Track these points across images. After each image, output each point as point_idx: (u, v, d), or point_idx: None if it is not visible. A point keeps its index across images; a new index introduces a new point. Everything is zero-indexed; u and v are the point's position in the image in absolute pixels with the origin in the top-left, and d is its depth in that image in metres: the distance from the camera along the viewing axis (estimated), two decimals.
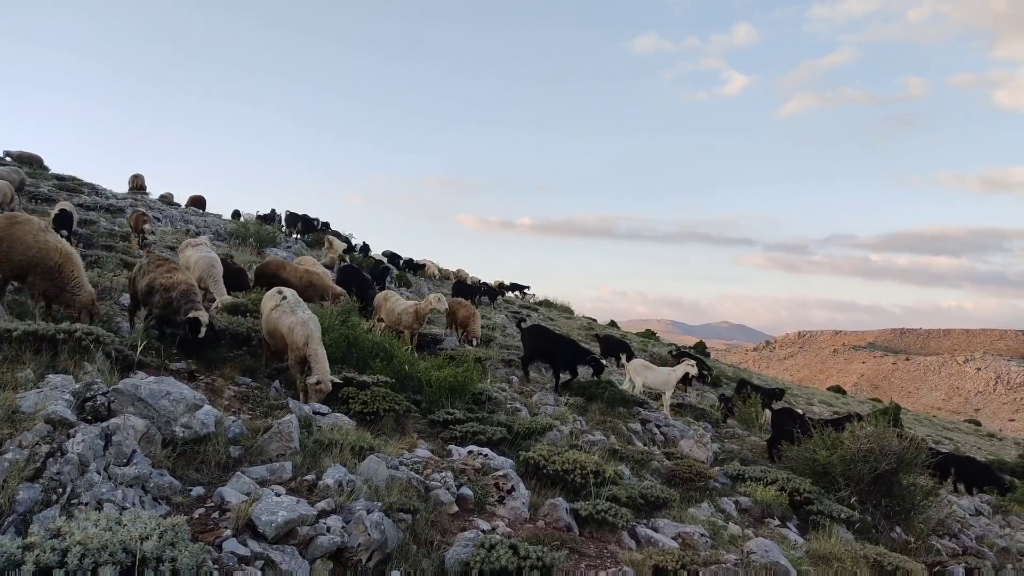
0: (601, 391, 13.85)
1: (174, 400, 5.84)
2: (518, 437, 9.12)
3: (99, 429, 5.08)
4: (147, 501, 4.88)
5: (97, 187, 25.15)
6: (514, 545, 5.37)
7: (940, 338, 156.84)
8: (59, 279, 8.08)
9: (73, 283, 8.08)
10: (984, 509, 15.83)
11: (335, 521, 5.09)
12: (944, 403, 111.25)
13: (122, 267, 12.86)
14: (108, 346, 7.27)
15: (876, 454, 11.01)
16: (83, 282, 8.22)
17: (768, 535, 8.74)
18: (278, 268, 13.74)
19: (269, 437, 6.29)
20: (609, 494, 7.56)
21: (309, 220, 31.18)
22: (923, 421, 47.49)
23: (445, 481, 6.62)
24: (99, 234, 16.10)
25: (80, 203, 20.09)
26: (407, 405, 8.89)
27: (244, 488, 5.29)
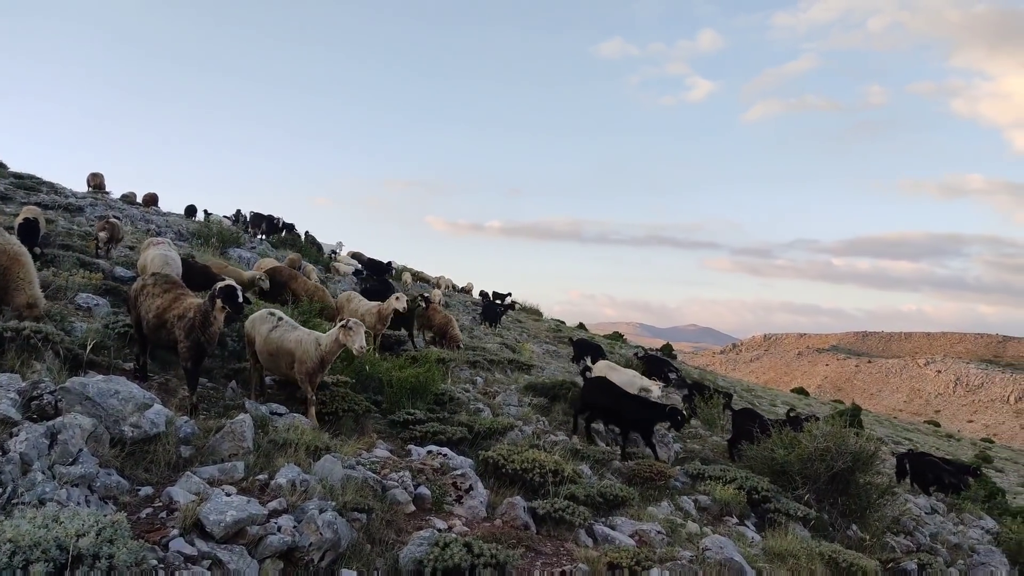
0: (565, 392, 13.90)
1: (123, 399, 5.75)
2: (479, 437, 9.11)
3: (44, 428, 4.99)
4: (93, 501, 4.79)
5: (56, 186, 24.64)
6: (468, 543, 5.37)
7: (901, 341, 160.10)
8: (3, 281, 7.85)
9: (14, 285, 7.83)
10: (939, 507, 16.16)
11: (286, 521, 5.04)
12: (905, 405, 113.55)
13: (79, 266, 12.61)
14: (58, 345, 7.14)
15: (832, 453, 11.20)
16: (25, 285, 7.95)
17: (726, 533, 8.84)
18: (289, 278, 14.22)
19: (221, 437, 6.22)
20: (568, 493, 7.58)
21: (273, 221, 30.84)
22: (884, 422, 48.40)
23: (402, 481, 6.59)
24: (57, 233, 15.76)
25: (39, 202, 19.66)
26: (367, 405, 8.85)
27: (194, 488, 5.22)
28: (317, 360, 8.02)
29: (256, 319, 8.45)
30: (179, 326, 7.20)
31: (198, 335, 7.15)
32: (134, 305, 7.83)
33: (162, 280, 7.93)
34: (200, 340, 7.19)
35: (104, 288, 11.49)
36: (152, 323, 7.48)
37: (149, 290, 7.72)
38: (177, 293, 7.65)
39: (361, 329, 8.10)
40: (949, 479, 17.52)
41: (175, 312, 7.33)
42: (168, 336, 7.37)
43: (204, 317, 7.18)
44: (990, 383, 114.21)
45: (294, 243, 29.17)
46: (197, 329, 7.14)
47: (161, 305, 7.46)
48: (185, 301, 7.48)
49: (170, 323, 7.32)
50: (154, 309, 7.48)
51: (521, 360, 18.01)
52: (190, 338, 7.14)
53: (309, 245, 30.31)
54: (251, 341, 8.46)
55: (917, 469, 17.81)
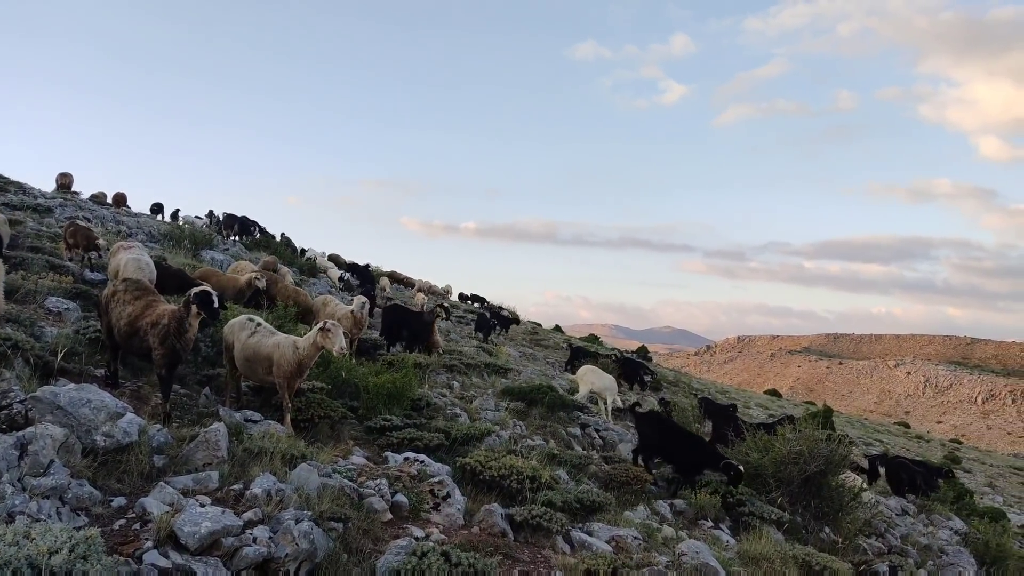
0: (542, 396, 13.91)
1: (95, 408, 5.67)
2: (456, 443, 9.09)
3: (14, 439, 4.91)
4: (64, 513, 4.72)
5: (24, 186, 24.17)
6: (446, 552, 5.37)
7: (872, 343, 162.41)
8: None
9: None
10: (910, 509, 16.41)
11: (262, 531, 5.00)
12: (876, 406, 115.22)
13: (48, 269, 12.39)
14: (28, 352, 7.02)
15: (805, 456, 11.33)
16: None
17: (701, 537, 8.91)
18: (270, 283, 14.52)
19: (195, 446, 6.15)
20: (545, 499, 7.59)
21: (247, 222, 30.51)
22: (855, 424, 49.06)
23: (379, 488, 6.56)
24: (25, 235, 15.47)
25: (6, 202, 19.30)
26: (343, 412, 8.79)
27: (167, 499, 5.15)
28: (295, 364, 7.97)
29: (235, 325, 8.37)
30: (153, 333, 7.10)
31: (173, 342, 7.06)
32: (105, 311, 7.69)
33: (133, 286, 7.81)
34: (175, 347, 7.10)
35: (74, 292, 11.30)
36: (124, 330, 7.36)
37: (120, 296, 7.59)
38: (149, 299, 7.53)
39: (339, 330, 8.08)
40: (922, 481, 17.81)
41: (148, 319, 7.22)
42: (141, 343, 7.26)
43: (179, 324, 7.09)
44: (958, 384, 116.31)
45: (268, 245, 28.90)
46: (172, 336, 7.05)
47: (133, 312, 7.35)
48: (158, 308, 7.38)
49: (143, 330, 7.21)
50: (126, 316, 7.36)
51: (498, 364, 18.00)
52: (165, 345, 7.05)
53: (284, 247, 30.05)
54: (229, 347, 8.38)
55: (891, 472, 18.07)
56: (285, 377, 7.96)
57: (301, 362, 7.99)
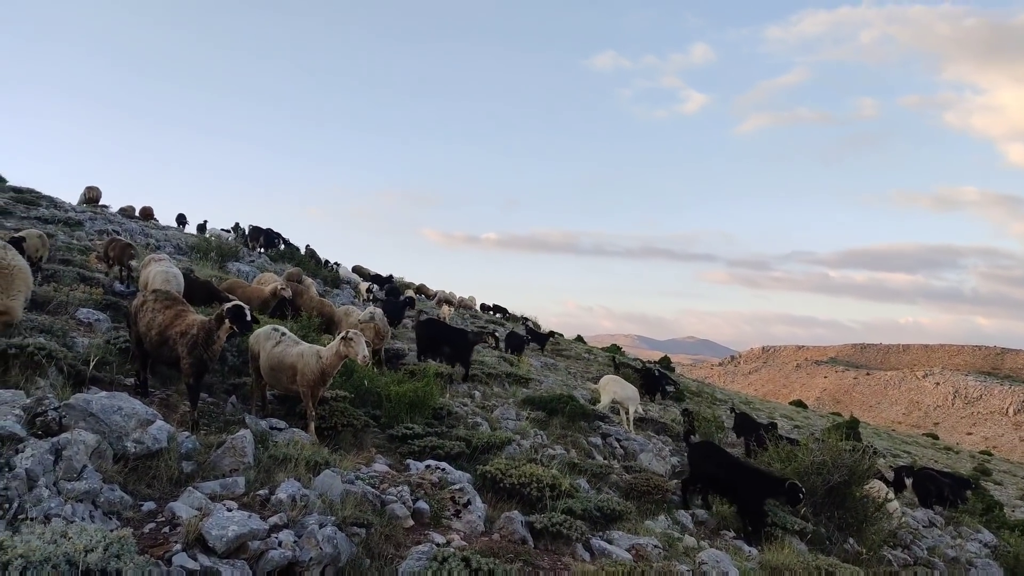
0: (563, 405, 13.96)
1: (126, 415, 5.83)
2: (477, 451, 9.17)
3: (49, 444, 5.06)
4: (97, 516, 4.85)
5: (55, 200, 24.73)
6: (467, 558, 5.44)
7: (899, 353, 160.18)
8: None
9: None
10: (937, 520, 16.20)
11: (287, 536, 5.10)
12: (904, 417, 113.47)
13: (79, 281, 12.70)
14: (61, 361, 7.21)
15: (828, 466, 11.27)
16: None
17: (723, 547, 8.89)
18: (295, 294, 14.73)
19: (222, 452, 6.29)
20: (565, 507, 7.64)
21: (272, 234, 30.95)
22: (882, 435, 48.40)
23: (401, 495, 6.65)
24: (57, 248, 15.85)
25: (39, 216, 19.78)
26: (365, 420, 8.91)
27: (196, 503, 5.28)
28: (318, 373, 8.10)
29: (260, 335, 8.53)
30: (182, 343, 7.28)
31: (201, 352, 7.23)
32: (135, 321, 7.89)
33: (163, 297, 8.00)
34: (203, 357, 7.27)
35: (104, 303, 11.57)
36: (154, 340, 7.55)
37: (150, 306, 7.79)
38: (178, 310, 7.72)
39: (362, 339, 8.21)
40: (950, 493, 17.58)
41: (177, 329, 7.41)
42: (170, 353, 7.44)
43: (207, 334, 7.27)
44: (989, 395, 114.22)
45: (292, 256, 29.27)
46: (200, 346, 7.23)
47: (163, 322, 7.54)
48: (187, 318, 7.56)
49: (172, 340, 7.39)
50: (156, 326, 7.55)
51: (519, 373, 18.09)
52: (193, 355, 7.22)
53: (308, 258, 30.41)
54: (255, 356, 8.55)
55: (918, 483, 17.87)
56: (309, 386, 8.09)
57: (324, 371, 8.12)
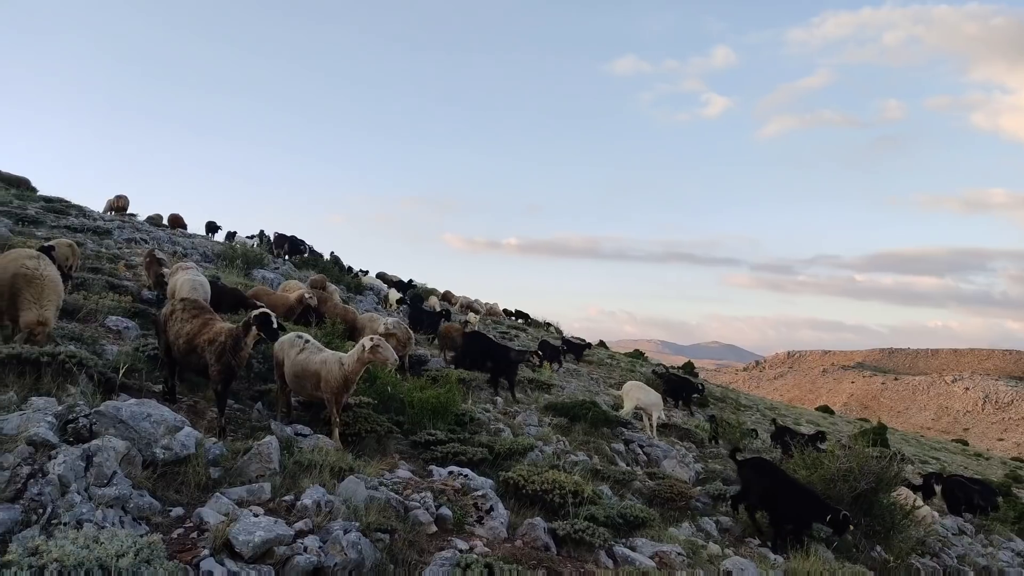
0: (585, 411, 13.95)
1: (155, 422, 5.93)
2: (499, 457, 9.20)
3: (80, 450, 5.17)
4: (127, 521, 4.95)
5: (84, 209, 25.18)
6: (489, 564, 5.47)
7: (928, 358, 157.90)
8: (15, 300, 8.01)
9: (24, 305, 7.90)
10: (967, 528, 15.95)
11: (312, 541, 5.17)
12: (933, 423, 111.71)
13: (108, 289, 12.92)
14: (91, 369, 7.35)
15: (855, 473, 11.15)
16: (33, 304, 7.95)
17: (748, 555, 8.84)
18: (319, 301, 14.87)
19: (249, 458, 6.38)
20: (587, 514, 7.63)
21: (297, 242, 31.24)
22: (911, 441, 47.70)
23: (424, 501, 6.70)
24: (86, 256, 16.13)
25: (68, 225, 20.14)
26: (389, 426, 8.98)
27: (223, 508, 5.37)
28: (341, 380, 8.18)
29: (285, 342, 8.63)
30: (210, 350, 7.40)
31: (229, 359, 7.35)
32: (164, 329, 8.03)
33: (191, 305, 8.14)
34: (230, 364, 7.39)
35: (133, 311, 11.77)
36: (182, 347, 7.69)
37: (179, 315, 7.93)
38: (206, 318, 7.85)
39: (386, 344, 8.29)
40: (980, 500, 17.30)
41: (205, 337, 7.53)
42: (199, 360, 7.57)
43: (235, 342, 7.39)
44: (1020, 400, 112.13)
45: (317, 263, 29.52)
46: (228, 353, 7.34)
47: (191, 330, 7.67)
48: (215, 326, 7.68)
49: (200, 347, 7.52)
50: (184, 334, 7.69)
51: (541, 379, 18.09)
52: (221, 362, 7.34)
53: (332, 265, 30.66)
54: (279, 363, 8.65)
55: (947, 490, 17.60)
56: (332, 392, 8.17)
57: (347, 377, 8.20)
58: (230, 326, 7.71)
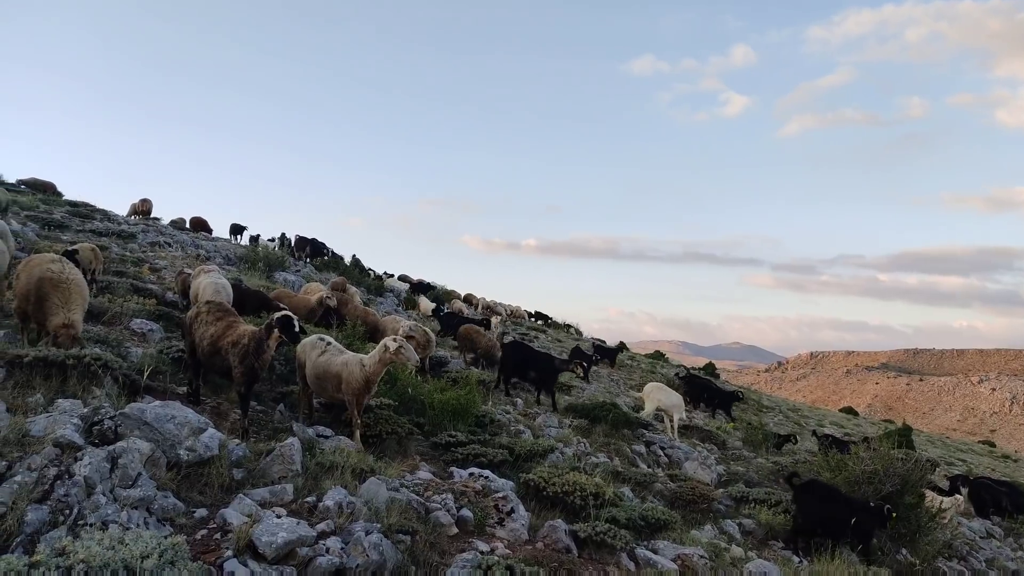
0: (606, 413, 13.90)
1: (179, 424, 5.99)
2: (520, 459, 9.19)
3: (106, 452, 5.23)
4: (151, 522, 5.00)
5: (109, 213, 25.53)
6: (511, 566, 5.46)
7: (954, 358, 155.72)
8: (43, 304, 8.13)
9: (52, 310, 7.98)
10: (995, 531, 15.69)
11: (334, 542, 5.19)
12: (959, 424, 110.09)
13: (133, 292, 13.07)
14: (116, 371, 7.43)
15: (880, 475, 11.02)
16: (60, 309, 8.02)
17: (771, 557, 8.77)
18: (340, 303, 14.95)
19: (272, 460, 6.42)
20: (609, 516, 7.60)
21: (318, 244, 31.46)
22: (936, 443, 47.04)
23: (445, 503, 6.70)
24: (111, 260, 16.34)
25: (93, 229, 20.42)
26: (410, 428, 9.00)
27: (246, 510, 5.41)
28: (362, 381, 8.21)
29: (307, 344, 8.68)
30: (233, 352, 7.47)
31: (252, 361, 7.42)
32: (189, 332, 8.13)
33: (215, 308, 8.22)
34: (254, 366, 7.46)
35: (157, 313, 11.89)
36: (206, 350, 7.77)
37: (203, 318, 8.02)
38: (229, 321, 7.93)
39: (409, 345, 8.32)
40: (1008, 503, 17.00)
41: (229, 339, 7.60)
42: (222, 362, 7.64)
43: (258, 344, 7.46)
44: None
45: (337, 266, 29.71)
46: (251, 355, 7.41)
47: (215, 333, 7.75)
48: (238, 328, 7.76)
49: (224, 350, 7.59)
50: (208, 336, 7.76)
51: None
52: (244, 364, 7.41)
53: (352, 267, 30.84)
54: (301, 365, 8.71)
55: (974, 492, 17.32)
56: (353, 394, 8.21)
57: (368, 379, 8.23)
58: (253, 328, 7.78)
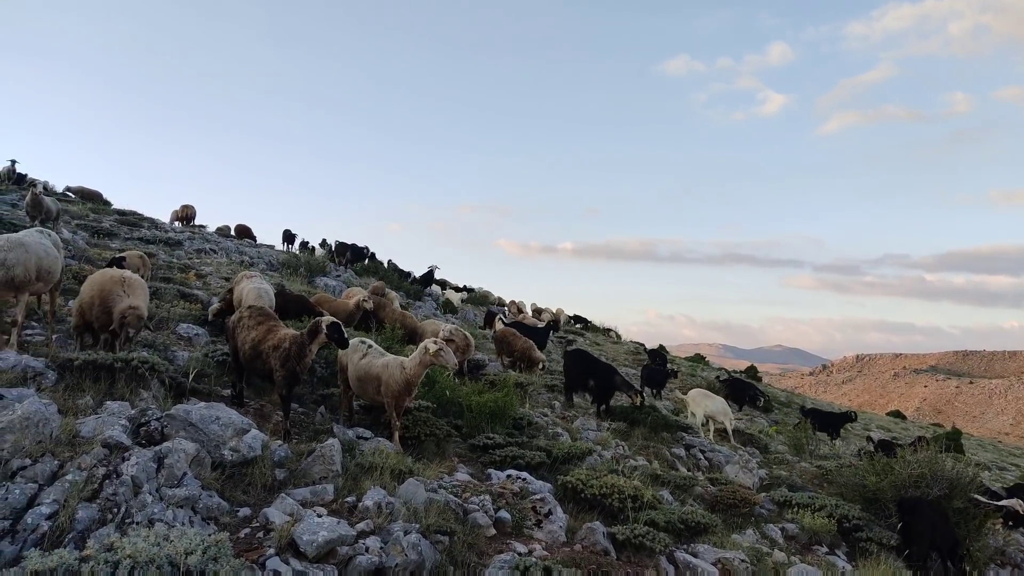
0: (644, 416, 13.81)
1: (223, 425, 6.13)
2: (557, 462, 9.19)
3: (152, 452, 5.38)
4: (196, 521, 5.13)
5: (156, 221, 26.18)
6: (548, 567, 5.46)
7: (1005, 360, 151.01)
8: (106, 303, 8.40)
9: (115, 301, 8.25)
10: None
11: (374, 542, 5.26)
12: (1012, 428, 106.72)
13: (179, 298, 13.38)
14: (163, 374, 7.62)
15: (927, 479, 10.76)
16: (123, 298, 8.28)
17: (815, 563, 8.61)
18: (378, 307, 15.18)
19: (312, 460, 6.53)
20: (647, 518, 7.56)
21: (358, 249, 31.81)
22: (987, 447, 45.68)
23: (483, 504, 6.74)
24: (158, 267, 16.75)
25: (140, 237, 20.96)
26: (448, 430, 9.05)
27: (288, 509, 5.51)
28: (403, 383, 8.29)
29: (351, 347, 8.80)
30: (274, 356, 7.62)
31: (293, 364, 7.55)
32: (232, 336, 8.31)
33: (257, 312, 8.39)
34: (295, 369, 7.59)
35: (203, 318, 12.16)
36: (248, 353, 7.93)
37: (245, 322, 8.19)
38: (270, 325, 8.09)
39: (449, 349, 8.37)
40: None
41: (270, 343, 7.75)
42: (264, 365, 7.79)
43: (300, 348, 7.59)
44: None
45: (377, 270, 30.01)
46: (292, 359, 7.55)
47: (256, 337, 7.91)
48: (279, 332, 7.90)
49: (265, 353, 7.74)
50: (250, 340, 7.93)
51: None
52: (285, 367, 7.55)
53: (392, 272, 31.13)
54: (343, 368, 8.82)
55: None
56: (393, 396, 8.29)
57: (409, 381, 8.30)
58: (294, 332, 7.92)
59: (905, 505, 10.12)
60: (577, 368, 14.99)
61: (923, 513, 9.84)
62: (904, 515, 10.02)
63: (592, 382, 14.62)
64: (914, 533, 9.77)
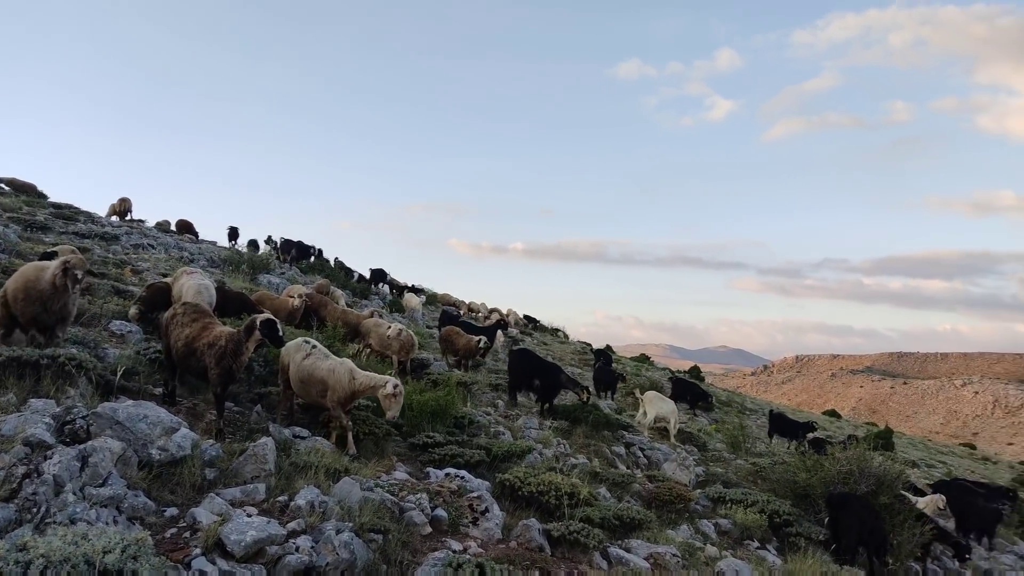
0: (586, 415, 13.97)
1: (151, 423, 6.00)
2: (497, 460, 9.23)
3: (76, 451, 5.25)
4: (121, 521, 5.01)
5: (94, 215, 25.37)
6: (481, 564, 5.50)
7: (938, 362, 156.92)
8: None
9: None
10: None
11: (305, 541, 5.22)
12: (942, 427, 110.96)
13: (113, 294, 13.01)
14: (91, 371, 7.42)
15: (855, 476, 11.14)
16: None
17: (745, 557, 8.85)
18: (319, 305, 14.96)
19: (245, 460, 6.44)
20: (583, 515, 7.66)
21: (304, 247, 31.39)
22: (918, 445, 47.43)
23: (420, 503, 6.74)
24: (93, 262, 16.25)
25: (76, 231, 20.29)
26: (387, 428, 9.02)
27: (217, 509, 5.43)
28: (349, 392, 8.21)
29: (291, 347, 8.64)
30: (209, 354, 7.47)
31: (229, 362, 7.42)
32: (165, 333, 8.12)
33: (191, 309, 8.21)
34: (230, 367, 7.46)
35: None
36: (181, 351, 7.76)
37: (179, 319, 8.00)
38: (206, 322, 7.92)
39: (401, 399, 8.31)
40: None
41: (205, 340, 7.60)
42: (198, 363, 7.63)
43: (236, 346, 7.46)
44: None
45: (322, 268, 29.66)
46: (228, 356, 7.41)
47: (190, 334, 7.74)
48: (215, 330, 7.75)
49: (200, 351, 7.58)
50: (183, 338, 7.76)
51: None
52: (220, 365, 7.41)
53: (337, 270, 30.79)
54: (284, 368, 8.67)
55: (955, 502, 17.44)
56: (337, 402, 8.21)
57: (355, 392, 8.24)
58: (230, 330, 7.78)
59: (834, 501, 10.46)
60: (522, 367, 15.03)
61: (851, 508, 10.18)
62: (833, 510, 10.37)
63: (538, 381, 14.69)
64: (842, 528, 10.10)
